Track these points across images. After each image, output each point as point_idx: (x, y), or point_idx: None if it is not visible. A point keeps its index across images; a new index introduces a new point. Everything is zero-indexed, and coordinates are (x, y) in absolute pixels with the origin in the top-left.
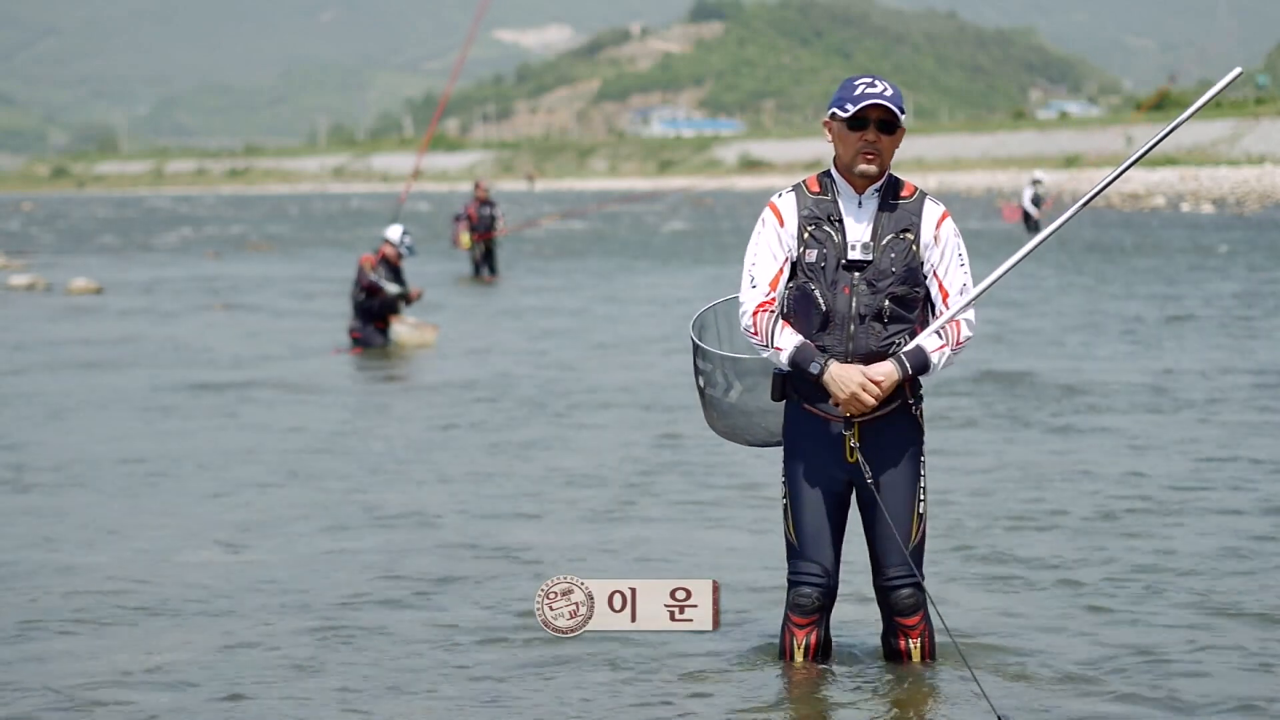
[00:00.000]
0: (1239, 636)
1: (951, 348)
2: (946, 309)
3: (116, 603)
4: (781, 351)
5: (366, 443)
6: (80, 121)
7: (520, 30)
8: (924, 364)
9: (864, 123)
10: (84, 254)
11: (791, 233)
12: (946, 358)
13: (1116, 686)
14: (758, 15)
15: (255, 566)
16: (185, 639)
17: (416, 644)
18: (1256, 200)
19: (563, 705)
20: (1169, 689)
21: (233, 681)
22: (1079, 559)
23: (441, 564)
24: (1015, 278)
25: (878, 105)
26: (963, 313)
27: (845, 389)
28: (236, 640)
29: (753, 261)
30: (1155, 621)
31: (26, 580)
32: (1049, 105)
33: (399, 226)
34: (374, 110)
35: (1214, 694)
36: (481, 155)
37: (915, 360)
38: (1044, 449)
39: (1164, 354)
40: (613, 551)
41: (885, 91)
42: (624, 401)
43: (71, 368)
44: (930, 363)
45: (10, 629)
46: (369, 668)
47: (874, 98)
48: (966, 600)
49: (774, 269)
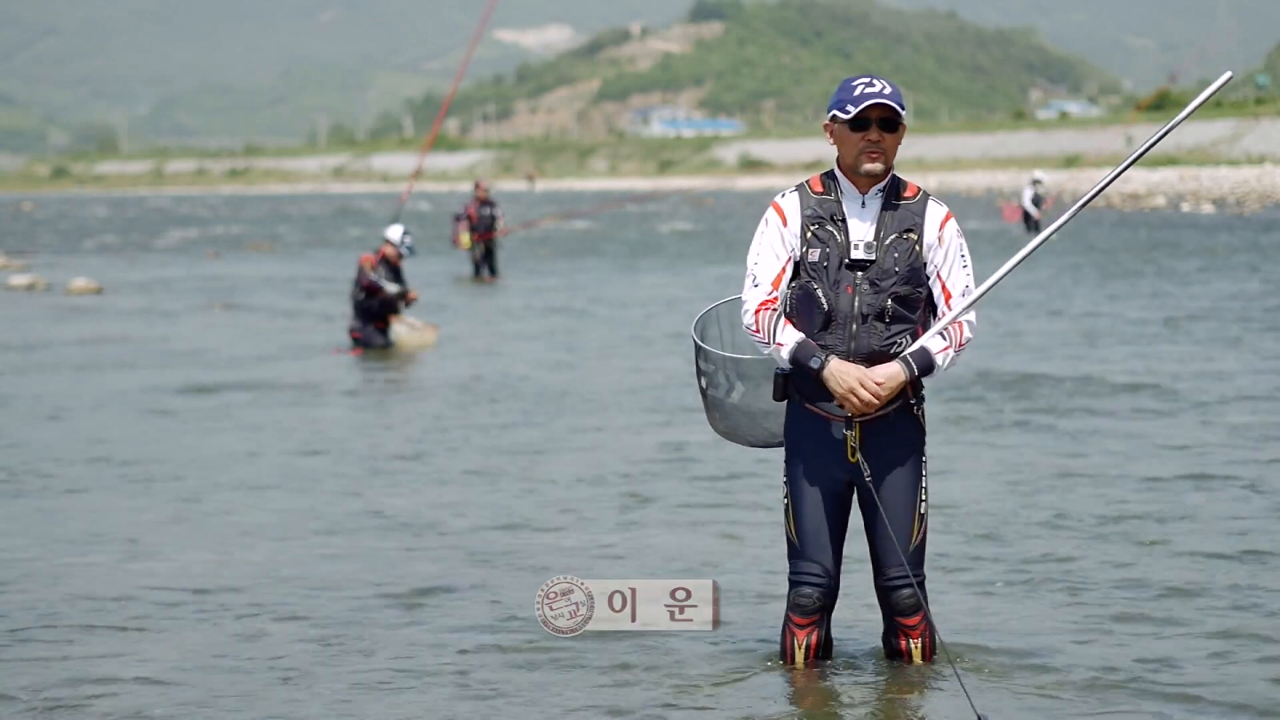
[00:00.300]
0: (1243, 637)
1: (955, 349)
2: (949, 310)
3: (110, 605)
4: (783, 348)
5: (365, 443)
6: (80, 121)
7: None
8: (929, 365)
9: (866, 123)
10: (84, 254)
11: (794, 232)
12: (950, 358)
13: (1120, 687)
14: (758, 15)
15: (253, 567)
16: (180, 641)
17: (415, 646)
18: (1256, 200)
19: (562, 707)
20: (1176, 692)
21: (229, 685)
22: (1081, 559)
23: (440, 565)
24: (1017, 278)
25: (879, 104)
26: (965, 314)
27: (842, 384)
28: (234, 643)
29: (755, 260)
30: (1159, 621)
31: (20, 582)
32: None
33: (399, 226)
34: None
35: (1217, 695)
36: (481, 155)
37: (920, 361)
38: (1046, 450)
39: (1170, 355)
40: (612, 552)
41: (885, 90)
42: (624, 402)
43: (71, 368)
44: (935, 364)
45: (1, 633)
46: (367, 671)
47: (874, 97)
48: (967, 600)
49: (776, 268)
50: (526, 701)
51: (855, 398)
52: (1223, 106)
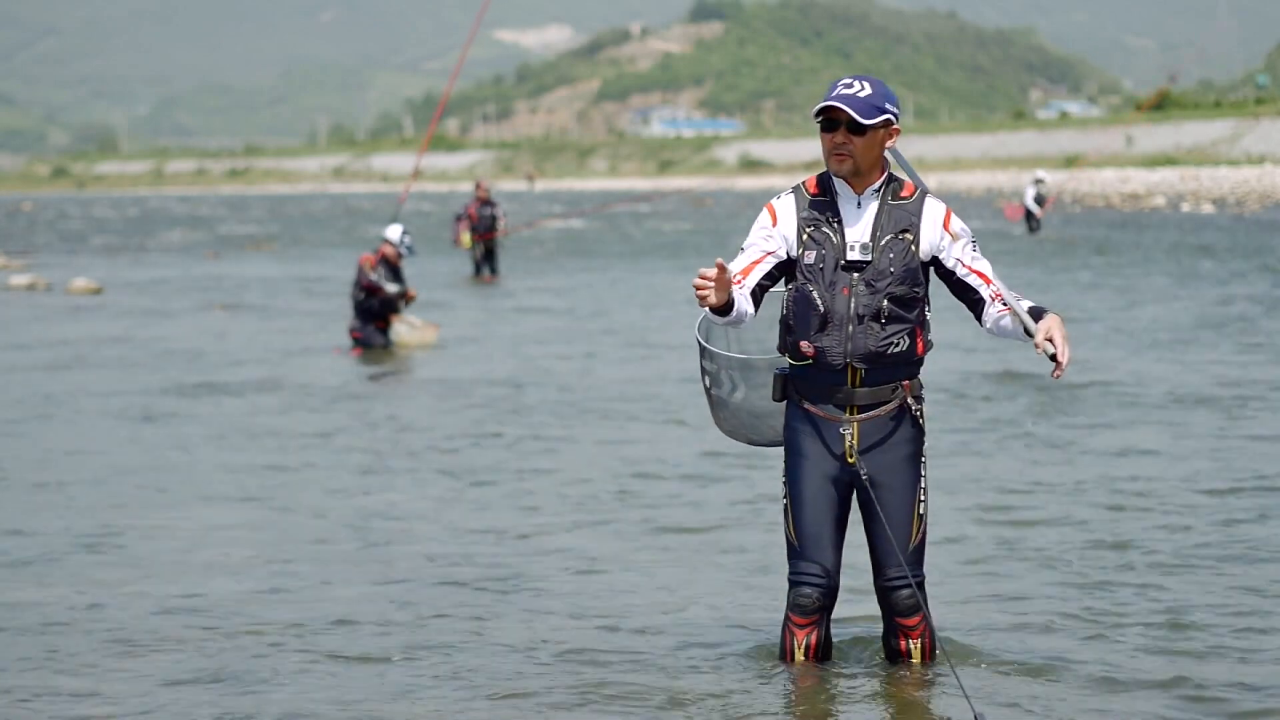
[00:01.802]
0: (1248, 640)
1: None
2: (991, 286)
3: (107, 607)
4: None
5: (364, 444)
6: (80, 121)
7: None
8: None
9: (834, 124)
10: (84, 254)
11: (785, 234)
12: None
13: (1124, 689)
14: (758, 15)
15: (251, 568)
16: (177, 641)
17: (413, 648)
18: (1256, 200)
19: (561, 705)
20: (1179, 692)
21: (226, 687)
22: (1086, 561)
23: (439, 565)
24: (1022, 279)
25: (829, 107)
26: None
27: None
28: (231, 643)
29: (741, 249)
30: (1165, 624)
31: (4, 588)
32: (1049, 105)
33: (398, 226)
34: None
35: (1222, 695)
36: (481, 155)
37: (1041, 312)
38: (1049, 450)
39: (1179, 357)
40: (613, 554)
41: (859, 93)
42: (625, 403)
43: (70, 368)
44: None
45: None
46: (362, 675)
47: (833, 99)
48: (967, 601)
49: (750, 258)
50: (526, 699)
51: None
52: (1223, 106)
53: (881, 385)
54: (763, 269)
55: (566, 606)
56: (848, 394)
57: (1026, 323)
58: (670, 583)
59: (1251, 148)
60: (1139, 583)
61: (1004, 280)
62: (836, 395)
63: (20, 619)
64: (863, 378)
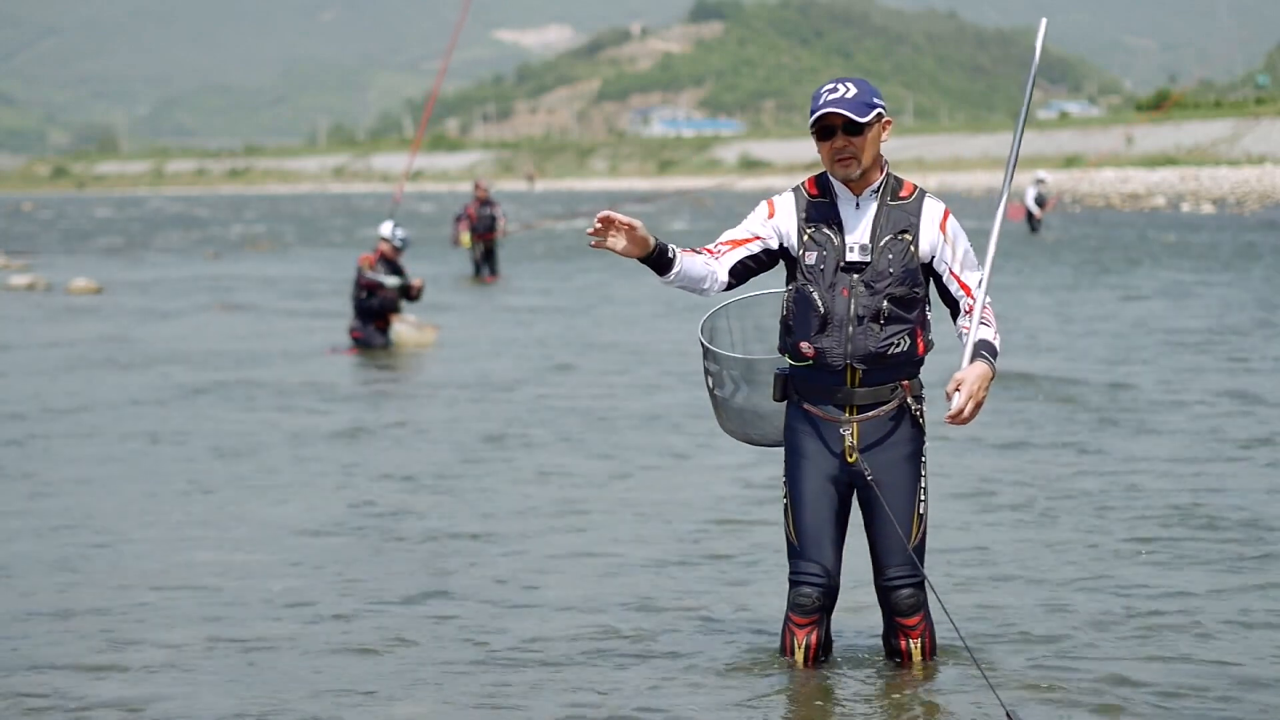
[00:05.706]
0: (1250, 641)
1: (997, 331)
2: (971, 299)
3: (105, 608)
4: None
5: (363, 444)
6: (80, 121)
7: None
8: (995, 353)
9: (830, 130)
10: (84, 254)
11: (780, 228)
12: (1000, 340)
13: (1130, 691)
14: (758, 15)
15: (249, 568)
16: (174, 644)
17: (412, 648)
18: (1256, 200)
19: (561, 703)
20: (1183, 694)
21: (224, 689)
22: (1088, 562)
23: (438, 567)
24: (1028, 280)
25: (827, 113)
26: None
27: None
28: (228, 645)
29: None
30: (1170, 626)
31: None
32: (1049, 105)
33: (390, 222)
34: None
35: (1228, 694)
36: (481, 155)
37: (990, 352)
38: (1053, 451)
39: (1182, 359)
40: (611, 553)
41: (846, 95)
42: (625, 403)
43: (69, 368)
44: (998, 350)
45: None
46: (362, 676)
47: (825, 106)
48: (967, 602)
49: (738, 235)
50: (526, 697)
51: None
52: (1222, 106)
53: (881, 385)
54: (748, 249)
55: (561, 605)
56: (847, 394)
57: (963, 359)
58: (668, 581)
59: (1251, 148)
60: (1150, 582)
61: (1001, 279)
62: (836, 395)
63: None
64: (862, 378)
